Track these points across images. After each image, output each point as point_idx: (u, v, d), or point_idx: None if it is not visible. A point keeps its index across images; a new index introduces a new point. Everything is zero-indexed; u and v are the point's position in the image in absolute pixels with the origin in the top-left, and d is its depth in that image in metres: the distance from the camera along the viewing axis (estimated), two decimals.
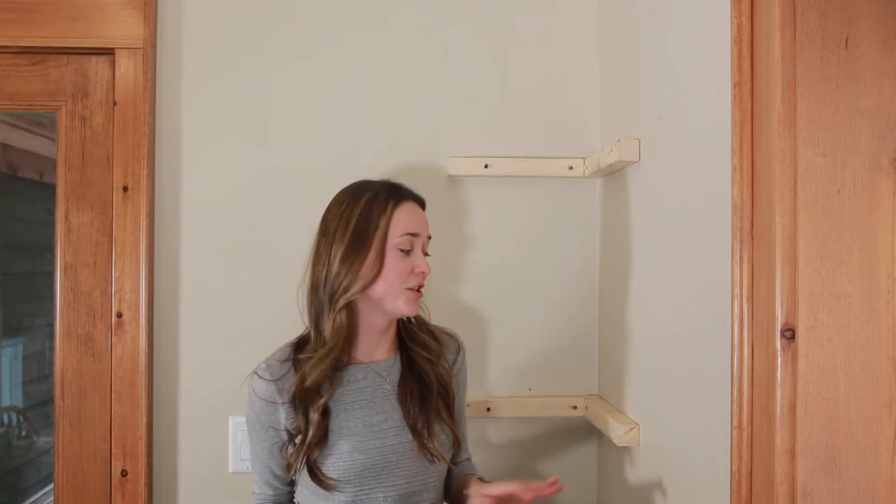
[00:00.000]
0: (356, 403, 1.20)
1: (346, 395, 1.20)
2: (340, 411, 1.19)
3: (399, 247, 1.17)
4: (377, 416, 1.20)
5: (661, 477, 1.27)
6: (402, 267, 1.17)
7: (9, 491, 1.87)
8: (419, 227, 1.20)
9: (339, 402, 1.19)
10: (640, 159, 1.37)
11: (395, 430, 1.20)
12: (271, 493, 1.25)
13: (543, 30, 1.64)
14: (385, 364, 1.24)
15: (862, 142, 0.88)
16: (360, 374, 1.22)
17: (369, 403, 1.20)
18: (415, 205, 1.23)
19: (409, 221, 1.19)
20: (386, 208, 1.18)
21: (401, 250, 1.18)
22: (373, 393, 1.21)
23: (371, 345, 1.23)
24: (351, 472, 1.16)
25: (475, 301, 1.62)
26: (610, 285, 1.57)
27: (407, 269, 1.18)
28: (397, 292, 1.17)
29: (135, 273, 1.54)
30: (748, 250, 0.95)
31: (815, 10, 0.89)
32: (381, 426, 1.19)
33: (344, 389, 1.20)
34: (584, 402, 1.60)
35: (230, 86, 1.59)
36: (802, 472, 0.88)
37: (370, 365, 1.23)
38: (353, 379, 1.21)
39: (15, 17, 1.52)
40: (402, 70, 1.62)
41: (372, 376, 1.22)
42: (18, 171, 1.80)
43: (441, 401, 1.24)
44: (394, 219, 1.18)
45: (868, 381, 0.88)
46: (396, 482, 1.18)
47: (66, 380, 1.55)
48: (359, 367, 1.22)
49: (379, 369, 1.23)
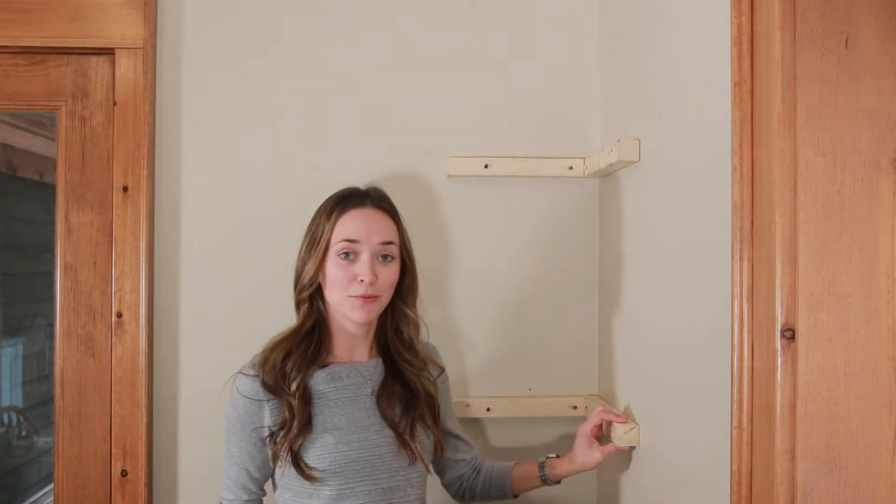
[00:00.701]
0: (340, 401, 1.22)
1: (330, 391, 1.22)
2: (324, 407, 1.21)
3: (338, 253, 1.20)
4: (359, 413, 1.22)
5: (661, 477, 1.27)
6: (340, 274, 1.20)
7: (9, 491, 1.87)
8: (359, 234, 1.20)
9: (322, 399, 1.21)
10: (639, 159, 1.37)
11: (377, 427, 1.22)
12: (245, 497, 1.24)
13: (544, 30, 1.64)
14: (367, 365, 1.27)
15: (862, 142, 0.88)
16: (343, 372, 1.24)
17: (352, 401, 1.23)
18: (367, 211, 1.23)
19: (348, 228, 1.21)
20: (331, 216, 1.23)
21: (342, 258, 1.20)
22: (355, 391, 1.23)
23: (348, 345, 1.27)
24: (336, 464, 1.17)
25: (475, 301, 1.62)
26: (610, 285, 1.57)
27: (348, 277, 1.19)
28: (342, 299, 1.20)
29: (135, 273, 1.54)
30: (748, 250, 0.95)
31: (815, 10, 0.89)
32: (363, 422, 1.21)
33: (327, 387, 1.22)
34: (584, 402, 1.60)
35: (230, 86, 1.59)
36: (802, 472, 0.88)
37: (353, 364, 1.26)
38: (336, 377, 1.23)
39: (15, 17, 1.52)
40: (402, 70, 1.62)
41: (355, 375, 1.25)
42: (18, 171, 1.80)
43: (426, 407, 1.27)
44: (336, 226, 1.22)
45: (868, 381, 0.88)
46: (380, 476, 1.19)
47: (66, 380, 1.55)
48: (341, 365, 1.25)
49: (361, 369, 1.26)
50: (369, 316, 1.21)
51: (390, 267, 1.23)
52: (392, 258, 1.23)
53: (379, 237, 1.22)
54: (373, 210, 1.24)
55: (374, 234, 1.21)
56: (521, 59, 1.64)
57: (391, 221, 1.26)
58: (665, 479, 1.25)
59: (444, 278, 1.61)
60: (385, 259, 1.22)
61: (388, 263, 1.23)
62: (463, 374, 1.62)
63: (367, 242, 1.21)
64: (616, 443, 1.35)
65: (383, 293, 1.22)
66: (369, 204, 1.25)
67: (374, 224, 1.22)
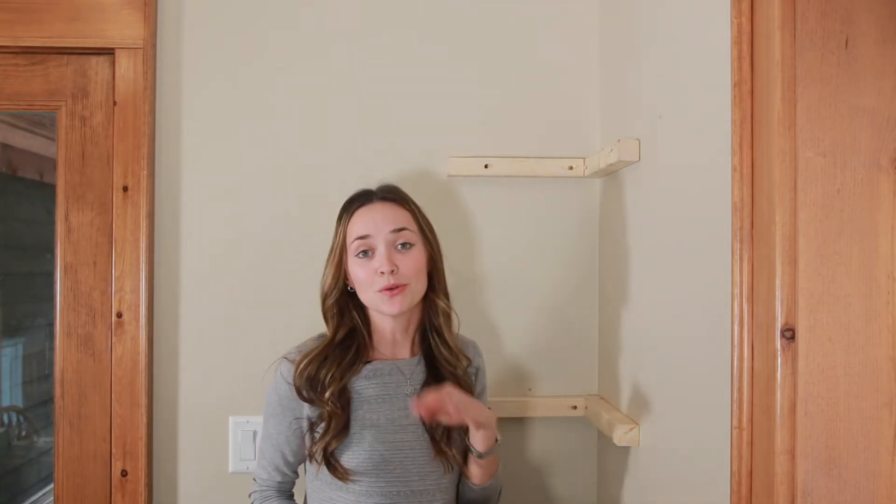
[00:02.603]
0: (380, 397, 1.21)
1: (371, 387, 1.22)
2: (363, 403, 1.21)
3: (356, 253, 1.21)
4: (399, 412, 1.21)
5: (661, 477, 1.27)
6: (363, 273, 1.20)
7: (9, 491, 1.87)
8: (368, 228, 1.21)
9: (362, 395, 1.21)
10: (640, 159, 1.37)
11: (414, 428, 1.21)
12: (279, 479, 1.25)
13: (544, 30, 1.64)
14: (409, 363, 1.26)
15: (862, 142, 0.88)
16: (385, 369, 1.24)
17: (393, 399, 1.22)
18: (374, 205, 1.24)
19: (358, 227, 1.22)
20: (342, 219, 1.25)
21: (360, 257, 1.21)
22: (396, 389, 1.23)
23: (389, 342, 1.26)
24: (369, 464, 1.17)
25: (475, 301, 1.62)
26: (610, 285, 1.57)
27: (371, 273, 1.20)
28: (372, 296, 1.21)
29: (135, 273, 1.54)
30: (748, 250, 0.95)
31: (815, 10, 0.89)
32: (401, 422, 1.21)
33: (368, 382, 1.22)
34: (584, 402, 1.60)
35: (230, 85, 1.59)
36: (802, 472, 0.88)
37: (394, 361, 1.26)
38: (377, 374, 1.23)
39: (15, 17, 1.52)
40: (402, 70, 1.62)
41: (396, 373, 1.24)
42: (18, 171, 1.80)
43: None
44: (348, 228, 1.23)
45: (868, 381, 0.88)
46: (410, 478, 1.19)
47: (66, 380, 1.55)
48: (384, 363, 1.25)
49: (403, 367, 1.25)
50: (401, 307, 1.19)
51: (411, 253, 1.21)
52: (410, 244, 1.22)
53: (389, 225, 1.21)
54: (379, 203, 1.24)
55: (384, 223, 1.21)
56: (522, 60, 1.64)
57: (401, 209, 1.25)
58: (665, 479, 1.26)
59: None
60: (404, 247, 1.21)
61: (408, 250, 1.21)
62: None
63: (379, 234, 1.20)
64: (616, 443, 1.35)
65: (410, 281, 1.20)
66: (375, 199, 1.25)
67: (381, 215, 1.22)
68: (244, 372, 1.54)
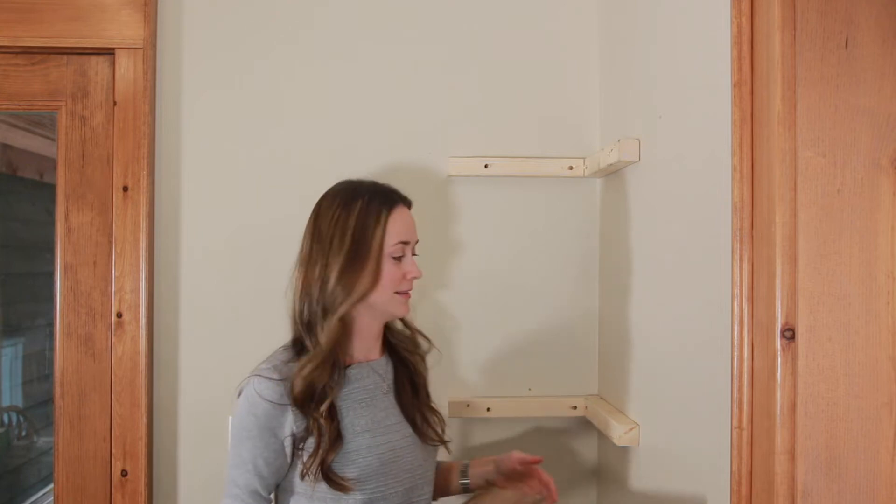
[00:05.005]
0: (363, 402, 1.21)
1: (353, 393, 1.21)
2: (349, 410, 1.19)
3: (393, 255, 1.20)
4: (381, 413, 1.22)
5: (661, 477, 1.27)
6: (395, 274, 1.20)
7: (9, 491, 1.87)
8: (409, 234, 1.22)
9: (347, 401, 1.20)
10: (639, 159, 1.37)
11: (398, 426, 1.22)
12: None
13: (544, 30, 1.64)
14: (381, 363, 1.27)
15: (862, 142, 0.88)
16: (363, 373, 1.23)
17: (373, 401, 1.22)
18: (404, 208, 1.24)
19: (400, 230, 1.21)
20: (380, 217, 1.19)
21: (394, 258, 1.20)
22: (374, 391, 1.23)
23: (366, 346, 1.26)
24: (369, 469, 1.16)
25: (475, 301, 1.62)
26: (610, 285, 1.57)
27: (399, 276, 1.21)
28: (390, 297, 1.21)
29: (135, 273, 1.54)
30: (748, 250, 0.95)
31: (815, 10, 0.89)
32: (385, 422, 1.21)
33: (350, 388, 1.21)
34: (584, 402, 1.60)
35: (230, 86, 1.59)
36: (802, 472, 0.88)
37: (370, 364, 1.25)
38: (357, 378, 1.22)
39: (15, 17, 1.52)
40: (402, 70, 1.62)
41: (372, 375, 1.24)
42: (18, 171, 1.80)
43: (425, 390, 1.31)
44: (388, 228, 1.19)
45: (868, 381, 0.88)
46: (402, 476, 1.20)
47: (66, 380, 1.55)
48: (361, 366, 1.24)
49: (377, 368, 1.26)
50: (408, 309, 1.25)
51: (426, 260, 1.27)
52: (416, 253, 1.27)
53: (416, 235, 1.25)
54: (407, 209, 1.25)
55: (415, 231, 1.25)
56: (522, 60, 1.64)
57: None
58: (665, 479, 1.25)
59: (444, 278, 1.61)
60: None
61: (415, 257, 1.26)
62: (463, 374, 1.62)
63: (412, 240, 1.24)
64: (616, 443, 1.35)
65: None
66: (403, 203, 1.25)
67: (411, 221, 1.25)
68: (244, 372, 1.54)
